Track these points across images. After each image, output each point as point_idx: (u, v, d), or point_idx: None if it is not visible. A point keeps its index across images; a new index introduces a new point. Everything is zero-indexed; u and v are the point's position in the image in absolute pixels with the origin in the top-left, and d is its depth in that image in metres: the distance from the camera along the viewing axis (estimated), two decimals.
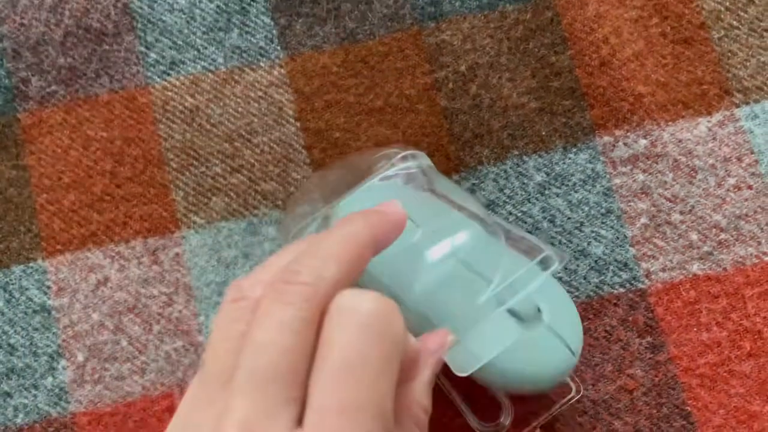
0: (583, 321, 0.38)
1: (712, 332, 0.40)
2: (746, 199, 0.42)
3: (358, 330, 0.24)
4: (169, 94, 0.45)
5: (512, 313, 0.36)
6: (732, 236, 0.41)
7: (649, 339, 0.40)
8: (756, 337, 0.40)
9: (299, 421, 0.24)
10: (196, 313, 0.42)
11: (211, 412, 0.25)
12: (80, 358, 0.42)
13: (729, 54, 0.44)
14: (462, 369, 0.34)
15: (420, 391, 0.29)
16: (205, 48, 0.45)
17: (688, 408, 0.40)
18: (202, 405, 0.25)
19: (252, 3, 0.46)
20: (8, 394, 0.41)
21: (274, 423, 0.24)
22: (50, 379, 0.42)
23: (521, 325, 0.35)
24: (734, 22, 0.44)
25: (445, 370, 0.40)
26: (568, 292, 0.40)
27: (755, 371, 0.40)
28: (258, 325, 0.25)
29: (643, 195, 0.42)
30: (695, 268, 0.41)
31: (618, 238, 0.41)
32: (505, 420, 0.39)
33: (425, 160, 0.39)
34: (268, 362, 0.24)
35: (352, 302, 0.25)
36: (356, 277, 0.27)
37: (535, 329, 0.36)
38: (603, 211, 0.42)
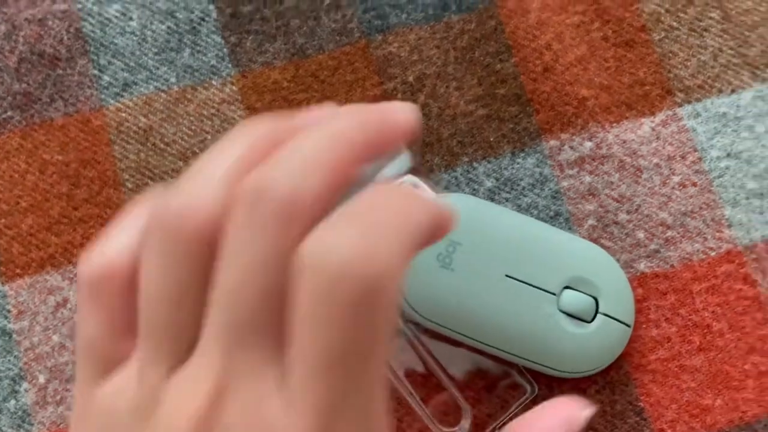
0: None
1: (661, 328, 0.41)
2: (691, 196, 0.43)
3: (334, 313, 0.17)
4: (123, 115, 0.45)
5: (572, 316, 0.38)
6: (678, 233, 0.42)
7: None
8: (705, 331, 0.41)
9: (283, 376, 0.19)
10: None
11: (165, 385, 0.19)
12: (42, 380, 0.42)
13: (670, 54, 0.44)
14: None
15: None
16: (158, 68, 0.46)
17: (641, 404, 0.40)
18: (148, 379, 0.19)
19: (202, 22, 0.46)
20: None
21: (257, 384, 0.18)
22: (13, 402, 0.42)
23: (581, 324, 0.39)
24: (674, 23, 0.45)
25: (405, 373, 0.41)
26: None
27: (705, 365, 0.40)
28: (227, 263, 0.18)
29: (591, 196, 0.43)
30: (643, 266, 0.42)
31: None
32: (465, 423, 0.40)
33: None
34: (245, 311, 0.18)
35: (324, 261, 0.18)
36: (337, 199, 0.20)
37: (593, 323, 0.39)
38: (552, 213, 0.43)
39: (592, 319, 0.39)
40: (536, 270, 0.38)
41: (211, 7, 0.47)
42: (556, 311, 0.39)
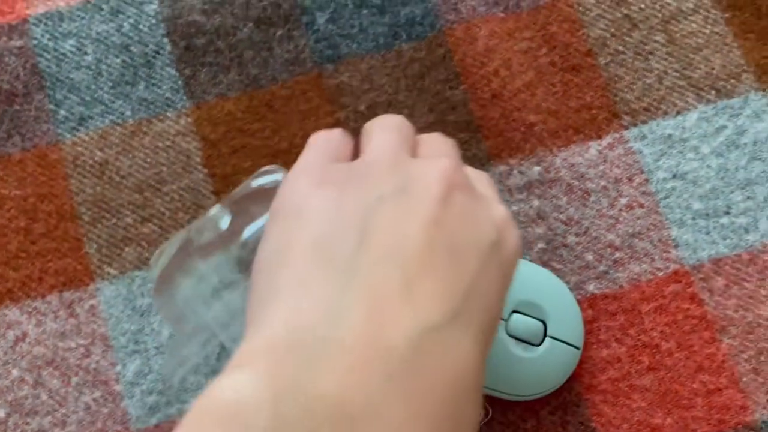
0: None
1: (611, 349, 0.42)
2: (638, 218, 0.43)
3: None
4: (79, 149, 0.46)
5: (521, 340, 0.39)
6: (626, 254, 0.43)
7: None
8: (654, 351, 0.41)
9: None
10: (114, 362, 0.43)
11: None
12: (2, 414, 0.43)
13: (616, 78, 0.45)
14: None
15: None
16: (113, 102, 0.47)
17: (593, 424, 0.41)
18: (400, 155, 0.31)
19: (157, 55, 0.47)
20: None
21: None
22: None
23: (529, 348, 0.39)
24: (620, 47, 0.46)
25: None
26: None
27: (655, 384, 0.41)
28: (429, 143, 0.34)
29: (540, 220, 0.43)
30: (592, 287, 0.42)
31: None
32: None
33: None
34: (450, 156, 0.32)
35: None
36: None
37: (542, 346, 0.39)
38: None
39: (541, 343, 0.39)
40: None
41: (165, 40, 0.47)
42: (505, 336, 0.39)
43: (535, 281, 0.40)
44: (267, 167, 0.39)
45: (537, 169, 0.44)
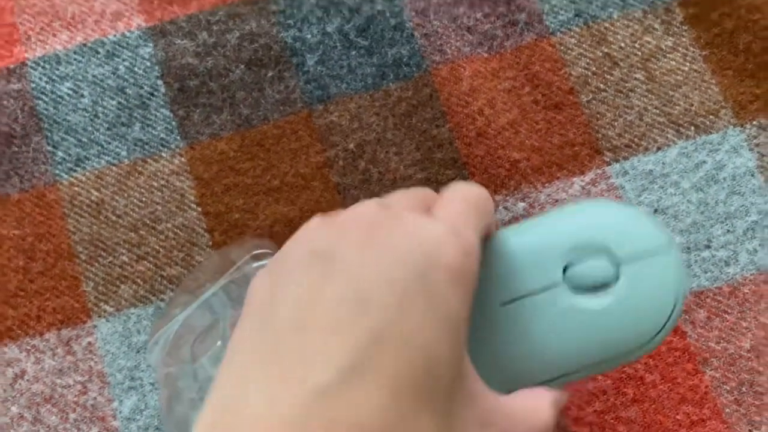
0: None
1: (597, 381, 0.43)
2: None
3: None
4: (76, 189, 0.47)
5: (588, 289, 0.31)
6: None
7: None
8: (638, 383, 0.42)
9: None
10: (111, 399, 0.44)
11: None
12: None
13: (598, 115, 0.46)
14: None
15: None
16: (109, 143, 0.48)
17: None
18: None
19: (152, 97, 0.48)
20: None
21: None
22: None
23: (601, 294, 0.31)
24: (601, 85, 0.47)
25: None
26: None
27: (640, 416, 0.42)
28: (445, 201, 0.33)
29: None
30: None
31: None
32: None
33: None
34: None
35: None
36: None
37: (618, 283, 0.31)
38: None
39: (615, 280, 0.31)
40: (525, 276, 0.32)
41: (160, 82, 0.48)
42: (571, 296, 0.31)
43: (564, 221, 0.33)
44: (262, 250, 0.40)
45: (522, 205, 0.45)
